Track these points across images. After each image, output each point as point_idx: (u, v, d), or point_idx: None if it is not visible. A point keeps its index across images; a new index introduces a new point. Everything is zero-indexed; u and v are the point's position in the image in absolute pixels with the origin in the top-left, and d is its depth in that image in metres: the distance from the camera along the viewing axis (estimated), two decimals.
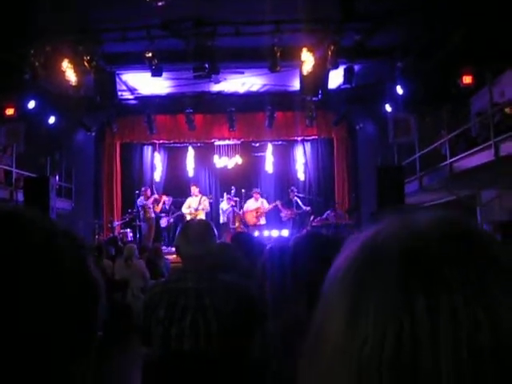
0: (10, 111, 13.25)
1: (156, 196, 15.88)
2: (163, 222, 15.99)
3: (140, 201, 15.59)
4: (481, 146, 10.27)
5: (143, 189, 16.01)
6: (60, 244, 0.75)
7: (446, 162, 11.80)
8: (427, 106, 13.63)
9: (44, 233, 0.75)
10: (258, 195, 15.95)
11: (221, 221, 15.83)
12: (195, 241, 3.00)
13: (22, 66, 11.46)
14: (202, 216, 15.36)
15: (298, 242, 2.34)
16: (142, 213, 15.53)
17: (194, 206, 15.48)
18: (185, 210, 15.52)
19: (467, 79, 11.93)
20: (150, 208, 15.53)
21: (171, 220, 15.90)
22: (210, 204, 16.45)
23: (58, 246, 0.75)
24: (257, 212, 15.69)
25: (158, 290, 3.05)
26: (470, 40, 10.33)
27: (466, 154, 10.93)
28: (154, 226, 15.69)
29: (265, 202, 15.99)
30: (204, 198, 15.76)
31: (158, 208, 15.81)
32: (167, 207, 16.09)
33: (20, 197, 13.01)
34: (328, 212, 15.49)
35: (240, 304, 2.88)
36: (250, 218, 15.67)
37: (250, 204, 15.86)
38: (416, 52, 11.34)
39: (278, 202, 15.95)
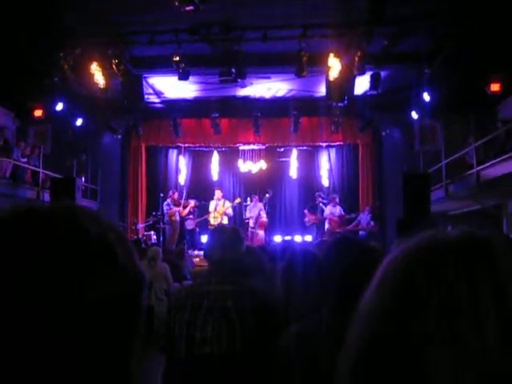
0: (38, 113, 13.41)
1: (182, 201, 15.97)
2: (189, 224, 16.05)
3: (167, 204, 15.66)
4: (508, 155, 10.14)
5: (170, 192, 16.12)
6: (113, 240, 0.76)
7: (472, 171, 11.67)
8: (454, 114, 13.51)
9: (99, 228, 0.76)
10: (337, 202, 15.85)
11: (251, 224, 15.78)
12: (224, 246, 3.06)
13: (51, 69, 11.62)
14: (224, 220, 15.40)
15: (329, 246, 2.33)
16: (167, 215, 15.61)
17: (212, 209, 15.58)
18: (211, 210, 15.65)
19: (495, 87, 11.79)
20: (175, 212, 15.61)
21: (197, 222, 15.98)
22: (235, 208, 16.50)
23: (111, 241, 0.76)
24: (341, 218, 15.61)
25: (183, 294, 3.09)
26: (499, 47, 10.22)
27: (493, 162, 10.80)
28: (178, 230, 15.76)
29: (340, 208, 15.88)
30: (227, 202, 15.81)
31: (184, 212, 15.88)
32: (192, 210, 16.17)
33: (46, 197, 13.19)
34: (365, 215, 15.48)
35: (262, 308, 2.89)
36: (334, 225, 15.46)
37: (332, 210, 15.69)
38: (443, 58, 11.23)
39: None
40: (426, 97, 12.75)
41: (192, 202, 16.11)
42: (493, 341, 0.70)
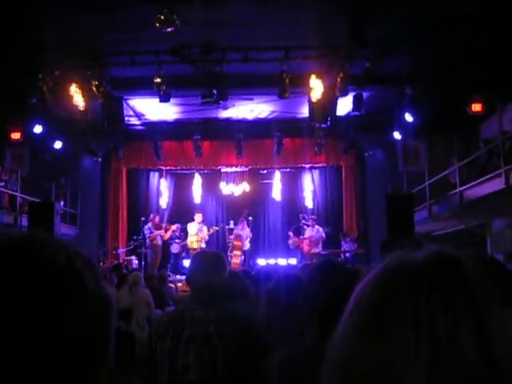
0: (16, 135, 13.24)
1: (163, 225, 15.86)
2: (175, 248, 15.91)
3: (148, 228, 15.48)
4: (491, 175, 10.14)
5: (151, 216, 15.96)
6: (79, 266, 0.79)
7: (455, 191, 11.66)
8: (437, 134, 13.54)
9: (65, 256, 0.79)
10: (315, 222, 15.91)
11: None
12: (207, 272, 3.07)
13: (29, 91, 11.47)
14: (202, 244, 15.32)
15: (313, 270, 2.28)
16: (148, 240, 15.41)
17: (194, 232, 15.46)
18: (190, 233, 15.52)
19: (476, 107, 11.87)
20: (157, 235, 15.44)
21: (182, 246, 15.85)
22: (217, 232, 16.43)
23: (78, 268, 0.79)
24: (310, 240, 15.56)
25: (165, 320, 3.04)
26: (480, 67, 10.27)
27: (476, 182, 10.80)
28: (160, 254, 15.57)
29: (320, 228, 15.90)
30: (205, 228, 15.72)
31: (166, 236, 15.73)
32: (177, 234, 16.03)
33: (24, 222, 12.91)
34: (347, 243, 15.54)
35: (245, 333, 2.85)
36: (305, 247, 15.58)
37: (308, 232, 15.79)
38: (425, 79, 11.27)
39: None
40: (409, 117, 12.80)
41: (174, 226, 15.96)
42: (471, 352, 0.69)
